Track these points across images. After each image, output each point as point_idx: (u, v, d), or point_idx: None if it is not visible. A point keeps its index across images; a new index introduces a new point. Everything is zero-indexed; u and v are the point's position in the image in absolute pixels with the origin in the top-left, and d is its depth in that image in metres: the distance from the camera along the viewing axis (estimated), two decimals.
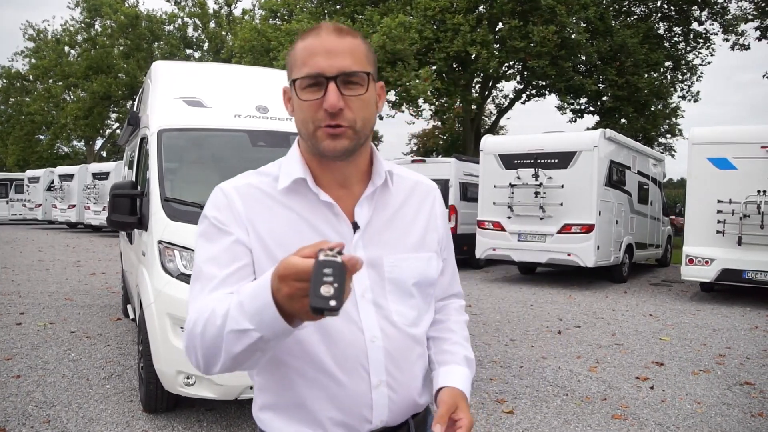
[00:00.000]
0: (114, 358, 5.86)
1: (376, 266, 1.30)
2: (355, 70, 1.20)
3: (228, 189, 1.32)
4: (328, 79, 1.18)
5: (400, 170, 1.44)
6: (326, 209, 1.29)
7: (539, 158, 11.77)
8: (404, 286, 1.33)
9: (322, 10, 24.39)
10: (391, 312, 1.31)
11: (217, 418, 4.39)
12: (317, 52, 1.20)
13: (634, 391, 5.26)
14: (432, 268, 1.38)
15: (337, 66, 1.19)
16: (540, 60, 20.63)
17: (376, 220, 1.33)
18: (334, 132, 1.21)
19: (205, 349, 1.13)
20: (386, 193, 1.36)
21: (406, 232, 1.36)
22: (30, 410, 4.43)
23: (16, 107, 43.93)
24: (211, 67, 7.23)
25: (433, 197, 1.46)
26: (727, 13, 24.31)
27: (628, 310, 9.36)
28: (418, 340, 1.37)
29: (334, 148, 1.22)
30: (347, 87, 1.20)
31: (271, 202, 1.30)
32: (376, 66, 1.30)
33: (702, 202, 9.92)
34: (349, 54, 1.21)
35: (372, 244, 1.30)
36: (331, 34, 1.22)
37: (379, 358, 1.28)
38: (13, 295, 9.34)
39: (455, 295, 1.57)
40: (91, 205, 24.65)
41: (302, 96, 1.21)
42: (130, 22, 38.38)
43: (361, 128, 1.24)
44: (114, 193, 4.56)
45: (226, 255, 1.24)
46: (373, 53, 1.30)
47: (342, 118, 1.20)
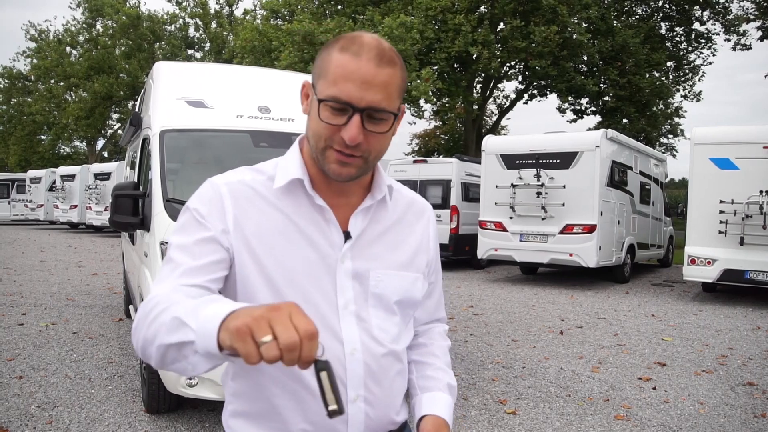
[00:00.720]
0: (116, 358, 5.86)
1: (361, 279, 1.27)
2: (385, 107, 1.15)
3: (218, 184, 1.27)
4: (355, 110, 1.13)
5: (395, 184, 1.40)
6: (318, 214, 1.26)
7: (541, 158, 11.77)
8: (387, 302, 1.30)
9: (323, 10, 24.40)
10: (373, 326, 1.28)
11: (219, 419, 4.38)
12: (351, 78, 1.12)
13: (636, 391, 5.26)
14: (417, 289, 1.36)
15: (367, 100, 1.13)
16: (541, 60, 20.62)
17: (369, 232, 1.30)
18: (344, 160, 1.17)
19: (148, 330, 1.05)
20: (383, 208, 1.33)
21: (397, 248, 1.33)
22: (32, 411, 4.44)
23: (18, 107, 44.03)
24: (212, 67, 7.24)
25: (428, 218, 1.43)
26: (728, 13, 24.31)
27: (630, 310, 9.36)
28: (399, 356, 1.34)
29: (339, 173, 1.19)
30: (371, 122, 1.16)
31: (261, 201, 1.25)
32: (403, 92, 1.24)
33: (704, 203, 9.91)
34: (383, 89, 1.14)
35: (360, 256, 1.27)
36: (372, 61, 1.13)
37: (357, 371, 1.25)
38: (16, 295, 9.35)
39: (440, 320, 1.55)
40: (92, 206, 24.67)
41: (323, 114, 1.16)
42: (132, 23, 38.43)
43: (373, 160, 1.22)
44: (116, 193, 4.56)
45: (198, 247, 1.19)
46: (406, 79, 1.24)
47: (357, 150, 1.16)
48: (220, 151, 5.06)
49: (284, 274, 1.22)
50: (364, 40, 1.15)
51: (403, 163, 15.23)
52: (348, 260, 1.26)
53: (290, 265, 1.22)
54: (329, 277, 1.24)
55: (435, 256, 1.45)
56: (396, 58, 1.18)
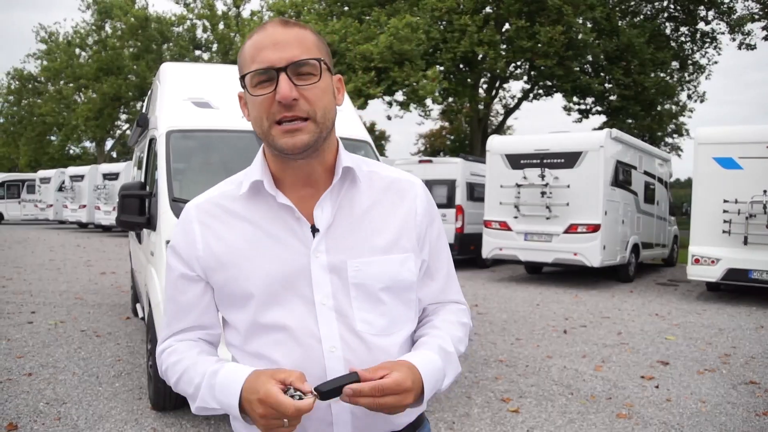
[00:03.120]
0: (123, 356, 5.93)
1: (338, 271, 1.24)
2: (305, 57, 1.16)
3: (189, 208, 1.32)
4: (278, 70, 1.15)
5: (377, 167, 1.36)
6: (285, 212, 1.25)
7: (545, 158, 11.78)
8: (371, 291, 1.25)
9: (329, 11, 24.47)
10: (355, 320, 1.24)
11: (224, 416, 4.39)
12: (265, 46, 1.17)
13: (639, 390, 5.28)
14: (406, 269, 1.28)
15: (286, 56, 1.15)
16: (547, 60, 20.62)
17: (341, 221, 1.26)
18: (291, 128, 1.16)
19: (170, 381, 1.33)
20: (354, 192, 1.29)
21: (376, 233, 1.27)
22: (41, 407, 4.51)
23: (28, 109, 44.30)
24: (218, 68, 7.31)
25: (414, 194, 1.34)
26: (733, 12, 24.22)
27: (634, 309, 9.37)
28: (387, 351, 1.26)
29: (293, 144, 1.17)
30: (300, 77, 1.16)
31: (228, 216, 1.28)
32: (330, 57, 1.25)
33: (708, 202, 9.91)
34: (298, 43, 1.17)
35: (336, 248, 1.24)
36: (277, 26, 1.19)
37: (338, 369, 1.20)
38: (25, 294, 9.46)
39: (452, 302, 1.43)
40: (101, 206, 24.83)
41: (254, 92, 1.18)
42: (140, 24, 38.58)
43: (322, 119, 1.19)
44: (123, 193, 4.62)
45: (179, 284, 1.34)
46: (325, 44, 1.26)
47: (298, 110, 1.16)
48: (226, 152, 5.11)
49: (258, 283, 1.23)
50: (267, 21, 1.23)
51: (409, 163, 15.27)
52: (322, 254, 1.23)
53: (263, 272, 1.23)
54: (303, 275, 1.23)
55: (431, 232, 1.37)
56: (304, 25, 1.22)
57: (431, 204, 1.39)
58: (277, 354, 1.23)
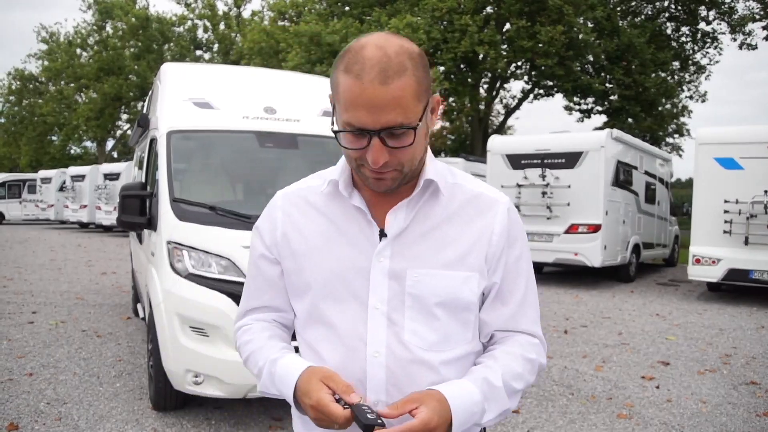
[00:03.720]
0: (124, 356, 5.94)
1: (398, 278, 1.23)
2: (402, 122, 1.11)
3: (278, 197, 1.40)
4: (372, 133, 1.11)
5: (463, 180, 1.33)
6: (359, 214, 1.27)
7: (546, 158, 11.78)
8: (426, 304, 1.23)
9: (330, 11, 24.47)
10: (405, 330, 1.23)
11: (225, 416, 4.45)
12: (359, 104, 1.10)
13: (639, 390, 5.28)
14: (468, 289, 1.24)
15: (381, 122, 1.10)
16: (547, 60, 20.62)
17: (412, 230, 1.25)
18: (378, 177, 1.18)
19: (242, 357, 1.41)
20: (433, 203, 1.27)
21: (444, 246, 1.24)
22: (42, 407, 4.51)
23: (29, 109, 44.36)
24: (219, 68, 7.31)
25: (495, 212, 1.29)
26: (734, 12, 24.20)
27: (635, 309, 9.36)
28: (433, 367, 1.23)
29: (378, 187, 1.21)
30: (393, 139, 1.13)
31: (309, 208, 1.33)
32: (429, 89, 1.17)
33: (709, 202, 9.90)
34: (395, 105, 1.09)
35: (400, 255, 1.23)
36: (375, 80, 1.08)
37: (378, 375, 1.21)
38: (26, 294, 9.46)
39: (524, 333, 1.32)
40: (102, 206, 24.84)
41: (344, 141, 1.17)
42: (141, 24, 38.64)
43: (408, 170, 1.19)
44: (124, 193, 4.62)
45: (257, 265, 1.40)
46: (427, 74, 1.16)
47: (386, 167, 1.16)
48: (226, 152, 5.11)
49: (319, 277, 1.28)
50: (365, 55, 1.10)
51: None
52: (386, 259, 1.23)
53: (327, 266, 1.27)
54: (363, 276, 1.24)
55: (509, 254, 1.29)
56: (406, 62, 1.11)
57: (514, 225, 1.31)
58: (324, 349, 1.27)
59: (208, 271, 4.05)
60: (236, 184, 5.29)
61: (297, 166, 5.44)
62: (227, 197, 5.09)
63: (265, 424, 4.29)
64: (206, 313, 3.91)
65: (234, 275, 4.02)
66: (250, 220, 4.32)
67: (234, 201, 5.00)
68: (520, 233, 1.32)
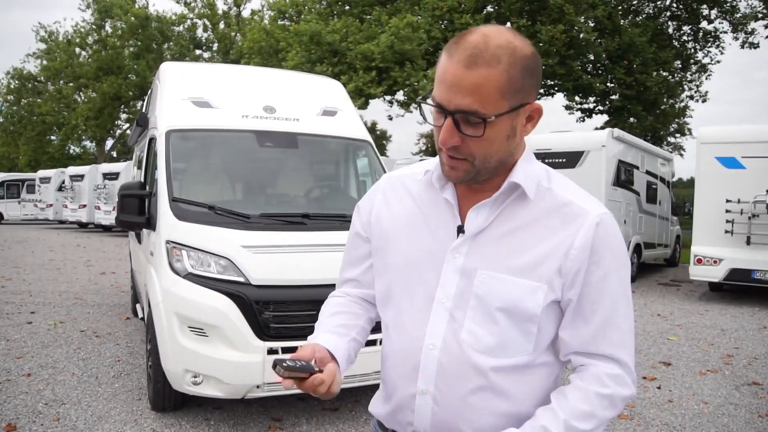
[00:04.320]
0: (123, 356, 5.91)
1: (468, 276, 1.23)
2: (477, 110, 1.11)
3: (383, 178, 1.46)
4: (446, 112, 1.13)
5: (559, 186, 1.28)
6: (447, 207, 1.29)
7: (547, 158, 11.74)
8: (488, 307, 1.22)
9: (330, 11, 24.44)
10: (463, 328, 1.23)
11: (224, 416, 4.42)
12: (443, 80, 1.13)
13: (641, 390, 5.25)
14: (533, 300, 1.20)
15: (456, 103, 1.12)
16: (548, 59, 20.56)
17: (492, 230, 1.24)
18: (451, 163, 1.20)
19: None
20: (518, 206, 1.24)
21: (518, 251, 1.22)
22: (40, 408, 4.49)
23: (28, 108, 44.35)
24: (218, 67, 7.29)
25: (580, 225, 1.21)
26: (736, 11, 24.16)
27: (636, 309, 9.34)
28: (482, 371, 1.22)
29: (449, 175, 1.23)
30: (467, 126, 1.13)
31: (405, 194, 1.37)
32: (521, 92, 1.15)
33: (710, 202, 9.88)
34: (474, 91, 1.10)
35: (475, 253, 1.23)
36: (462, 62, 1.11)
37: (430, 367, 1.24)
38: (25, 294, 9.44)
39: (605, 357, 1.24)
40: (101, 205, 24.81)
41: (429, 116, 1.20)
42: (140, 24, 38.62)
43: (481, 163, 1.18)
44: (123, 193, 4.60)
45: (352, 241, 1.48)
46: (523, 76, 1.14)
47: (458, 152, 1.17)
48: (226, 151, 5.09)
49: (398, 261, 1.33)
50: (465, 39, 1.13)
51: (410, 163, 15.23)
52: (461, 256, 1.24)
53: (407, 253, 1.31)
54: (436, 268, 1.26)
55: (593, 272, 1.21)
56: (503, 56, 1.11)
57: (603, 240, 1.21)
58: (392, 332, 1.34)
59: (208, 271, 4.02)
60: (236, 183, 5.27)
61: (296, 165, 5.42)
62: (226, 197, 5.07)
63: (265, 425, 4.27)
64: (205, 313, 3.88)
65: (233, 275, 3.99)
66: (249, 219, 4.30)
67: (233, 200, 4.98)
68: (612, 251, 1.22)
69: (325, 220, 4.49)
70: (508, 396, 1.23)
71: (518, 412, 1.24)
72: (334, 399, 4.77)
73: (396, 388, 1.32)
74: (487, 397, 1.23)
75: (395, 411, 1.32)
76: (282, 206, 4.94)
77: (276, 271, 4.05)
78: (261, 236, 4.18)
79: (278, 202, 5.04)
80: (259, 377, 3.85)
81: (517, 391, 1.24)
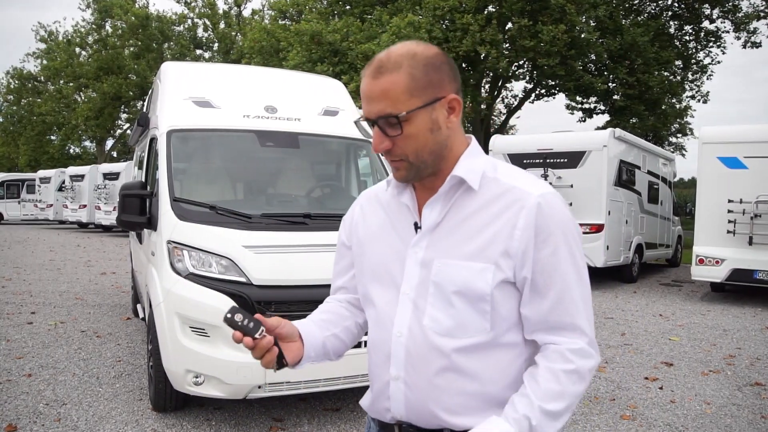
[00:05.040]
0: (124, 357, 5.90)
1: (427, 267, 1.35)
2: (390, 112, 1.25)
3: (361, 195, 1.61)
4: (371, 122, 1.29)
5: (504, 174, 1.35)
6: (406, 209, 1.42)
7: (548, 158, 11.74)
8: (444, 292, 1.32)
9: (331, 10, 24.42)
10: (425, 315, 1.34)
11: (225, 417, 4.41)
12: (363, 96, 1.30)
13: (642, 391, 5.24)
14: (483, 279, 1.28)
15: (374, 111, 1.27)
16: (550, 59, 20.53)
17: (446, 223, 1.35)
18: (393, 165, 1.34)
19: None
20: (468, 197, 1.34)
21: (468, 238, 1.31)
22: (41, 408, 4.47)
23: (28, 108, 44.34)
24: (219, 67, 7.27)
25: (521, 206, 1.29)
26: (738, 10, 24.12)
27: (638, 310, 9.32)
28: (445, 352, 1.31)
29: (396, 177, 1.37)
30: (390, 128, 1.28)
31: (376, 204, 1.52)
32: (428, 88, 1.27)
33: (712, 202, 9.86)
34: (384, 97, 1.26)
35: (434, 246, 1.35)
36: (370, 75, 1.28)
37: (399, 353, 1.36)
38: (25, 294, 9.43)
39: (564, 329, 1.31)
40: (101, 205, 24.81)
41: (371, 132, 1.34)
42: (141, 23, 38.60)
43: (416, 160, 1.31)
44: (123, 193, 4.59)
45: (338, 251, 1.63)
46: (425, 75, 1.27)
47: (393, 155, 1.31)
48: (227, 151, 5.08)
49: (372, 263, 1.47)
50: (374, 58, 1.30)
51: None
52: (421, 250, 1.36)
53: (379, 255, 1.45)
54: (401, 265, 1.39)
55: (542, 249, 1.28)
56: (403, 61, 1.26)
57: (546, 219, 1.28)
58: (371, 327, 1.47)
59: (209, 271, 4.01)
60: (237, 183, 5.26)
61: (298, 165, 5.41)
62: (228, 196, 5.06)
63: (266, 425, 4.25)
64: (207, 313, 3.87)
65: (234, 275, 3.98)
66: (251, 219, 4.29)
67: (234, 200, 4.97)
68: (558, 227, 1.29)
69: (326, 220, 4.47)
70: (473, 376, 1.31)
71: (486, 391, 1.32)
72: (335, 400, 4.77)
73: (375, 377, 1.44)
74: (453, 378, 1.31)
75: (375, 399, 1.44)
76: (283, 206, 4.93)
77: (277, 271, 4.04)
78: (262, 236, 4.17)
79: (279, 202, 5.03)
80: (260, 377, 3.84)
81: (482, 371, 1.32)
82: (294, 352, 1.41)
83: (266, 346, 1.33)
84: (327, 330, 1.51)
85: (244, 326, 1.31)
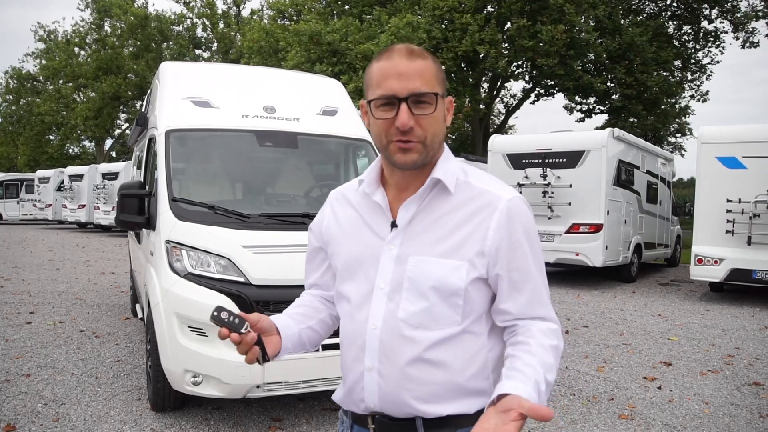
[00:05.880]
0: (122, 357, 5.90)
1: (402, 263, 1.41)
2: (425, 91, 1.33)
3: (331, 195, 1.66)
4: (400, 100, 1.32)
5: (475, 179, 1.46)
6: (378, 208, 1.48)
7: (547, 158, 11.74)
8: (420, 287, 1.39)
9: (330, 10, 24.43)
10: (399, 308, 1.40)
11: (224, 416, 4.41)
12: (390, 75, 1.33)
13: (641, 391, 5.24)
14: (456, 276, 1.38)
15: (408, 88, 1.32)
16: (548, 59, 20.55)
17: (420, 222, 1.43)
18: (405, 147, 1.35)
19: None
20: (441, 199, 1.43)
21: (444, 237, 1.40)
22: (39, 408, 4.47)
23: (27, 108, 44.31)
24: (218, 67, 7.26)
25: (493, 209, 1.39)
26: (737, 10, 24.14)
27: (637, 310, 9.33)
28: (417, 343, 1.38)
29: (404, 161, 1.37)
30: (417, 107, 1.33)
31: (347, 203, 1.57)
32: (445, 82, 1.41)
33: (711, 202, 9.86)
34: (419, 76, 1.33)
35: (408, 243, 1.42)
36: (403, 57, 1.35)
37: (373, 344, 1.41)
38: (24, 294, 9.42)
39: (540, 318, 1.44)
40: (100, 205, 24.79)
41: (377, 114, 1.36)
42: (140, 23, 38.58)
43: (431, 143, 1.37)
44: (122, 193, 4.59)
45: (310, 252, 1.69)
46: (442, 71, 1.41)
47: (412, 135, 1.34)
48: (226, 151, 5.07)
49: (346, 260, 1.52)
50: (394, 47, 1.38)
51: None
52: (395, 247, 1.43)
53: (348, 251, 1.51)
54: (375, 261, 1.45)
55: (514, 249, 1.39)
56: (427, 54, 1.38)
57: (516, 222, 1.41)
58: (344, 320, 1.52)
59: (207, 271, 4.01)
60: (235, 183, 5.25)
61: (296, 165, 5.41)
62: (226, 196, 5.05)
63: (265, 425, 4.25)
64: (205, 313, 3.85)
65: (233, 275, 3.98)
66: (249, 219, 4.29)
67: (233, 200, 4.96)
68: (523, 226, 1.41)
69: None
70: (444, 366, 1.39)
71: (455, 381, 1.39)
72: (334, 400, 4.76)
73: (349, 370, 1.48)
74: (424, 368, 1.38)
75: (349, 391, 1.48)
76: (282, 206, 4.93)
77: (276, 270, 4.04)
78: (261, 236, 4.17)
79: (278, 201, 5.03)
80: (259, 377, 3.84)
81: (452, 361, 1.39)
82: (273, 345, 1.46)
83: (251, 341, 1.38)
84: (302, 323, 1.59)
85: (230, 323, 1.35)
